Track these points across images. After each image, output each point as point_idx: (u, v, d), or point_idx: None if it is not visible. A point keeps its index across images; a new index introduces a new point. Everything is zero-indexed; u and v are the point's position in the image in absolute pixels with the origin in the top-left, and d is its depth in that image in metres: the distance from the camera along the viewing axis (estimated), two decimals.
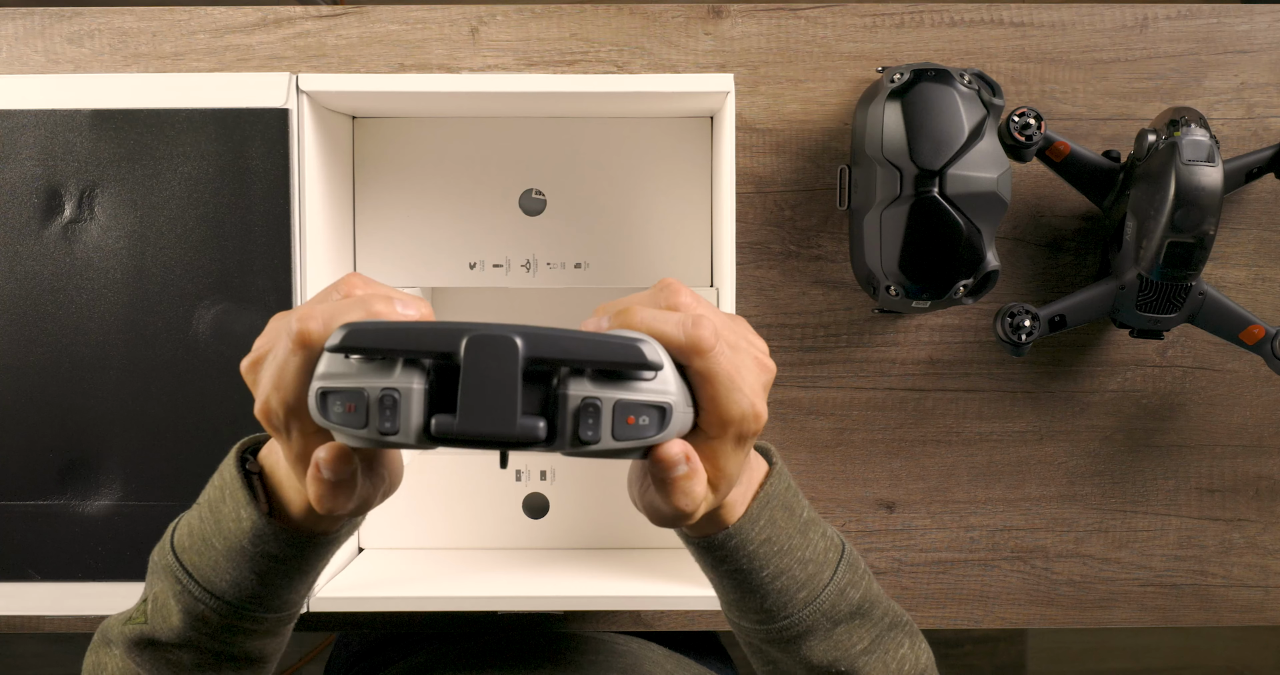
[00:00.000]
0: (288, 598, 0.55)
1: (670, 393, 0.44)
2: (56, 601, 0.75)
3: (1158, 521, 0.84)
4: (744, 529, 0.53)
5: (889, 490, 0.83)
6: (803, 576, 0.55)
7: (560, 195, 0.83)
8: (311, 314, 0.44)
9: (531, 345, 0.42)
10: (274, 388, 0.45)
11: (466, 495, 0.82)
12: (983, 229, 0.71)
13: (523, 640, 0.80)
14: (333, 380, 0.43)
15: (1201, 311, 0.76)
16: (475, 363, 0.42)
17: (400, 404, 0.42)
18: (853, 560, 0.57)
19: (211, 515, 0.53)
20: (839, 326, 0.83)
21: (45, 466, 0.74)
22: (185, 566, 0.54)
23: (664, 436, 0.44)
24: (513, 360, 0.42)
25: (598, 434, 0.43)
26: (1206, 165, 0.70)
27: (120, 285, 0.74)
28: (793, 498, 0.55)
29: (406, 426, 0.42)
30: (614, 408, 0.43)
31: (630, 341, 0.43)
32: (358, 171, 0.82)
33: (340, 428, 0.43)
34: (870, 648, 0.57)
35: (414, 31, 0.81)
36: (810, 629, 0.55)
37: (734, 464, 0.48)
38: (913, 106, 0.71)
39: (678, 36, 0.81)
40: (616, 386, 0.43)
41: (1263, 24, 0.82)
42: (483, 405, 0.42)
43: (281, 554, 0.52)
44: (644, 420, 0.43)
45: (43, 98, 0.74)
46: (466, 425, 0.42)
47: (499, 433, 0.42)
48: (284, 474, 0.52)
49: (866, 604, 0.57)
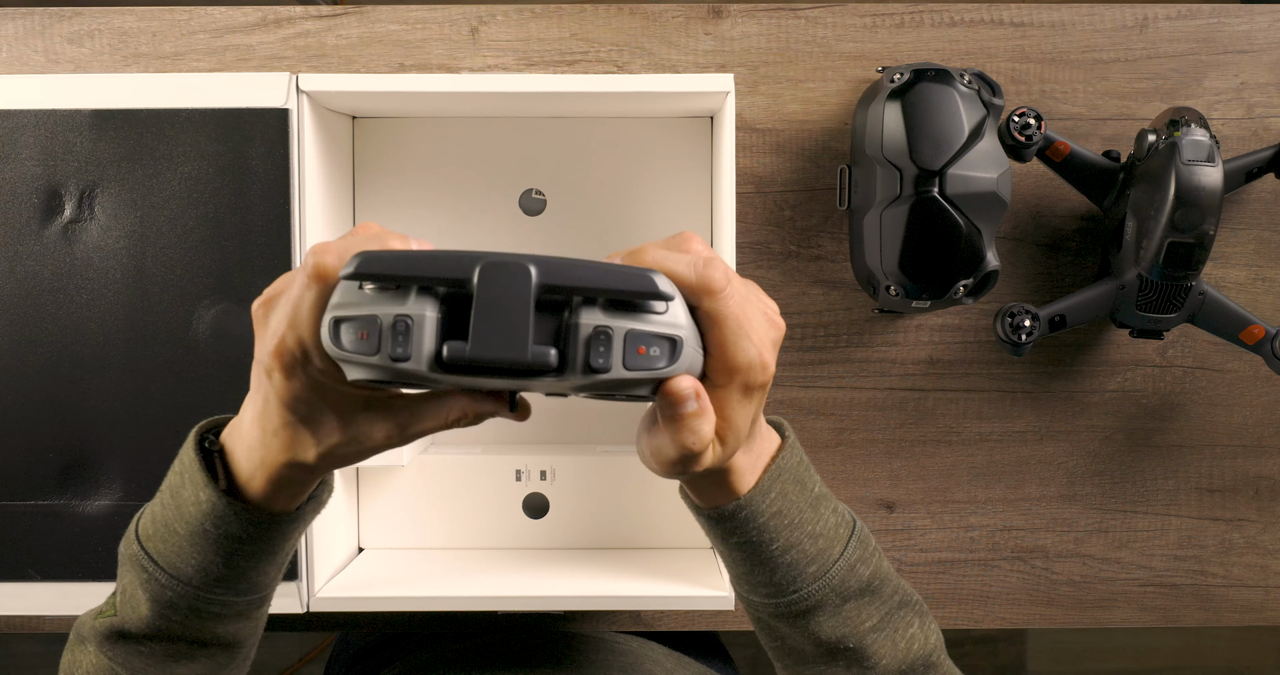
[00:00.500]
0: (255, 580, 0.55)
1: (681, 326, 0.44)
2: (56, 601, 0.75)
3: (1158, 521, 0.84)
4: (754, 500, 0.53)
5: (889, 490, 0.83)
6: (813, 551, 0.55)
7: (560, 195, 0.83)
8: (327, 248, 0.45)
9: (545, 272, 0.42)
10: (289, 325, 0.45)
11: (466, 495, 0.82)
12: (983, 229, 0.71)
13: (523, 640, 0.80)
14: (346, 309, 0.43)
15: (1201, 311, 0.76)
16: (489, 289, 0.42)
17: (413, 330, 0.42)
18: (863, 537, 0.57)
19: (173, 501, 0.53)
20: (839, 326, 0.83)
21: (45, 466, 0.74)
22: (150, 554, 0.53)
23: (674, 369, 0.44)
24: (526, 287, 0.42)
25: (608, 362, 0.43)
26: (1206, 165, 0.70)
27: (120, 285, 0.74)
28: (805, 472, 0.55)
29: (419, 352, 0.42)
30: (625, 337, 0.43)
31: (642, 271, 0.43)
32: (358, 171, 0.82)
33: (352, 355, 0.43)
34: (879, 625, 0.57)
35: (414, 31, 0.81)
36: (819, 604, 0.55)
37: (741, 415, 0.48)
38: (913, 106, 0.71)
39: (678, 36, 0.81)
40: (628, 317, 0.43)
41: (1263, 24, 0.82)
42: (495, 332, 0.42)
43: (244, 534, 0.52)
44: (655, 351, 0.43)
45: (43, 98, 0.74)
46: (478, 351, 0.42)
47: (511, 359, 0.42)
48: (241, 448, 0.51)
49: (876, 581, 0.57)
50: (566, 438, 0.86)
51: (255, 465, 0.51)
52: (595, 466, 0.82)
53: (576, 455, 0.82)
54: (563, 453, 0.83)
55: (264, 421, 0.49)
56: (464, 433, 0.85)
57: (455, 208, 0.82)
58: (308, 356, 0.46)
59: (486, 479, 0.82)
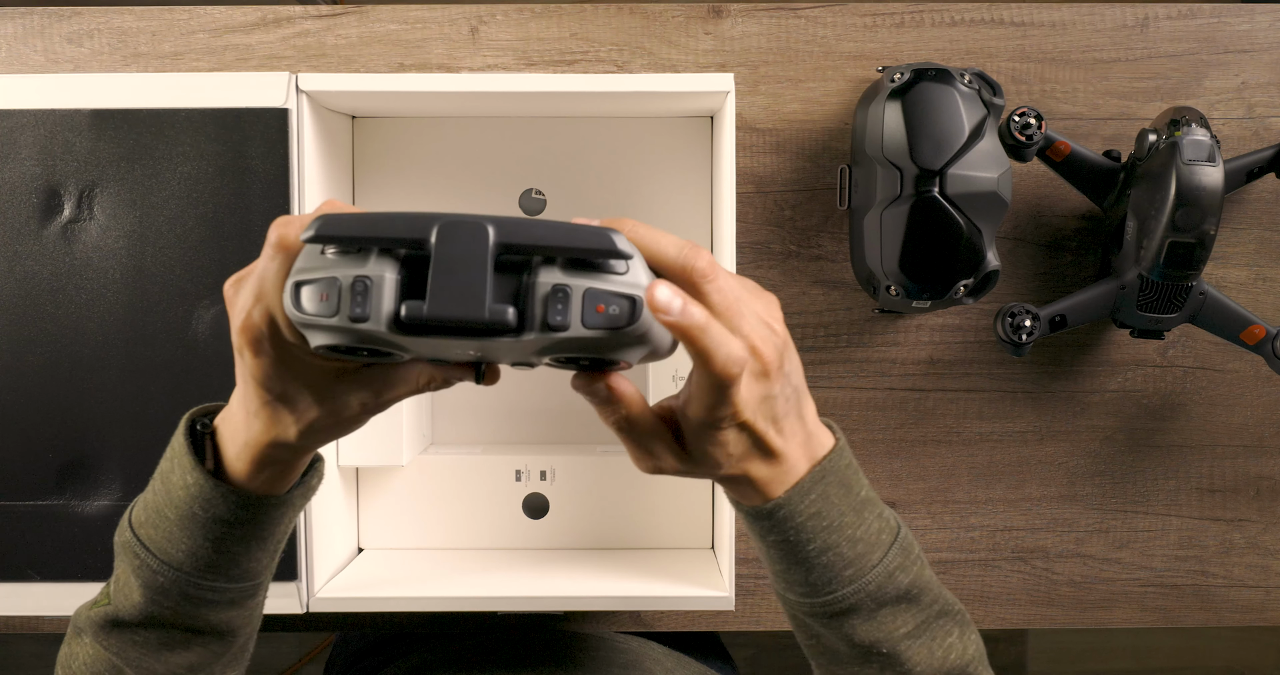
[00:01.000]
0: (247, 566, 0.55)
1: (641, 285, 0.44)
2: (56, 601, 0.75)
3: (1158, 522, 0.84)
4: (793, 500, 0.52)
5: (889, 490, 0.83)
6: (850, 555, 0.54)
7: (560, 195, 0.83)
8: (289, 221, 0.45)
9: (503, 232, 0.42)
10: (255, 298, 0.46)
11: (466, 495, 0.82)
12: (983, 229, 0.71)
13: (523, 640, 0.80)
14: (307, 273, 0.44)
15: (1202, 311, 0.76)
16: (446, 248, 0.42)
17: (371, 290, 0.42)
18: (906, 545, 0.56)
19: (163, 485, 0.54)
20: (839, 326, 0.82)
21: (45, 466, 0.74)
22: (141, 540, 0.54)
23: (634, 329, 0.43)
24: (483, 246, 0.42)
25: (566, 319, 0.42)
26: (1207, 165, 0.70)
27: (120, 285, 0.74)
28: (852, 475, 0.55)
29: (377, 313, 0.42)
30: (584, 295, 0.43)
31: (601, 230, 0.43)
32: (358, 171, 0.82)
33: (313, 318, 0.43)
34: (915, 632, 0.56)
35: (414, 31, 0.81)
36: (854, 607, 0.55)
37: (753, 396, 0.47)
38: (913, 106, 0.71)
39: (678, 36, 0.81)
40: (588, 276, 0.43)
41: (1263, 24, 0.82)
42: (453, 290, 0.42)
43: (232, 517, 0.53)
44: (614, 309, 0.43)
45: (42, 97, 0.74)
46: (436, 309, 0.42)
47: (468, 317, 0.42)
48: (227, 431, 0.52)
49: (916, 589, 0.56)
50: (566, 438, 0.85)
51: (240, 447, 0.51)
52: (595, 466, 0.82)
53: (576, 455, 0.82)
54: (563, 453, 0.83)
55: (245, 403, 0.50)
56: (464, 433, 0.85)
57: (455, 208, 0.82)
58: (275, 329, 0.46)
59: (486, 479, 0.82)
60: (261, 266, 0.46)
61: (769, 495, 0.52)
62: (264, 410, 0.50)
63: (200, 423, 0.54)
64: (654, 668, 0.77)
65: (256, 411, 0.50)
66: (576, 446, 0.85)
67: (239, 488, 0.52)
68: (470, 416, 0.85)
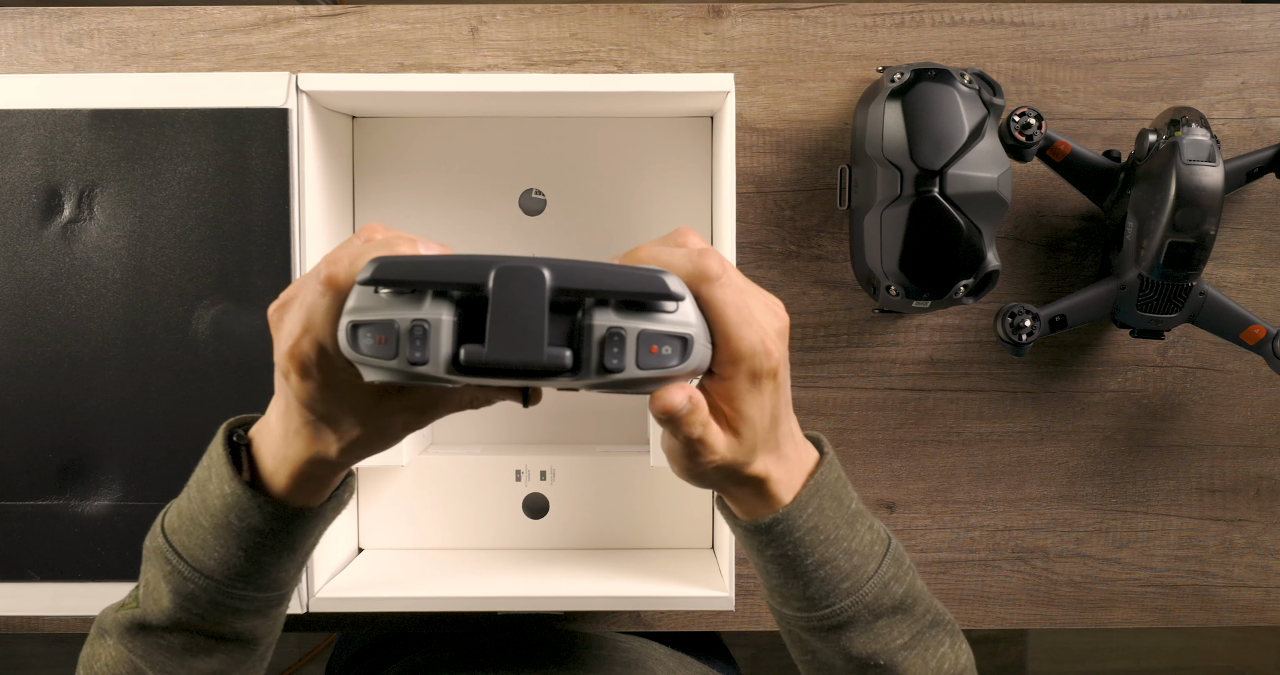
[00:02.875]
0: (276, 576, 0.55)
1: (691, 324, 0.45)
2: (56, 601, 0.75)
3: (1158, 522, 0.84)
4: (792, 515, 0.53)
5: (889, 490, 0.83)
6: (847, 567, 0.55)
7: (560, 195, 0.83)
8: (337, 257, 0.46)
9: (559, 276, 0.43)
10: (304, 328, 0.46)
11: (466, 495, 0.82)
12: (983, 229, 0.71)
13: (523, 639, 0.80)
14: (363, 313, 0.44)
15: (1202, 311, 0.76)
16: (503, 293, 0.43)
17: (430, 334, 0.43)
18: (898, 555, 0.57)
19: (199, 494, 0.54)
20: (839, 326, 0.82)
21: (45, 466, 0.74)
22: (174, 547, 0.54)
23: (685, 367, 0.45)
24: (540, 290, 0.43)
25: (622, 362, 0.44)
26: (1207, 165, 0.70)
27: (120, 285, 0.74)
28: (842, 488, 0.56)
29: (436, 356, 0.43)
30: (638, 337, 0.44)
31: (653, 272, 0.44)
32: (358, 171, 0.82)
33: (370, 359, 0.44)
34: (910, 643, 0.57)
35: (414, 31, 0.81)
36: (851, 620, 0.56)
37: (753, 406, 0.49)
38: (913, 106, 0.71)
39: (678, 36, 0.81)
40: (640, 317, 0.44)
41: (1263, 24, 0.82)
42: (511, 335, 0.43)
43: (266, 528, 0.53)
44: (667, 350, 0.45)
45: (42, 97, 0.74)
46: (495, 354, 0.43)
47: (527, 361, 0.43)
48: (267, 446, 0.52)
49: (909, 600, 0.57)
50: (566, 438, 0.85)
51: (279, 461, 0.52)
52: (595, 466, 0.82)
53: (576, 455, 0.82)
54: (563, 453, 0.83)
55: (286, 421, 0.51)
56: (464, 433, 0.85)
57: (455, 208, 0.82)
58: (323, 358, 0.47)
59: (486, 479, 0.82)
60: (310, 300, 0.46)
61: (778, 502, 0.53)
62: (306, 429, 0.50)
63: (236, 434, 0.54)
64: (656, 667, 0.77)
65: (298, 429, 0.50)
66: (576, 446, 0.85)
67: (276, 500, 0.53)
68: (470, 416, 0.85)
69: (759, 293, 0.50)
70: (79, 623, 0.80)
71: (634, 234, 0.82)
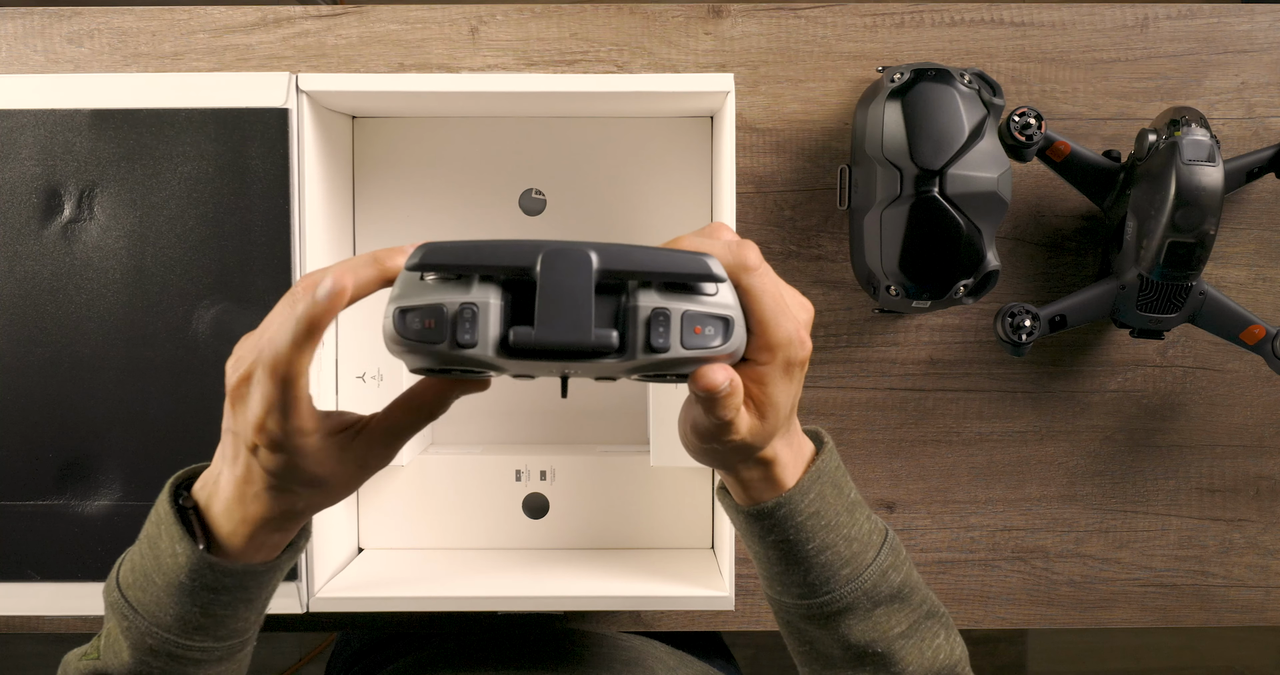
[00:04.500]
0: (235, 627, 0.55)
1: (731, 305, 0.46)
2: (55, 601, 0.75)
3: (1158, 521, 0.84)
4: (794, 499, 0.54)
5: (889, 490, 0.83)
6: (847, 554, 0.56)
7: (560, 195, 0.83)
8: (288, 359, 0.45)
9: (605, 258, 0.44)
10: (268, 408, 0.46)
11: (466, 495, 0.82)
12: (983, 229, 0.71)
13: (523, 638, 0.80)
14: (410, 299, 0.45)
15: (1202, 311, 0.76)
16: (551, 276, 0.44)
17: (479, 316, 0.44)
18: (895, 545, 0.58)
19: (151, 550, 0.53)
20: (839, 326, 0.82)
21: (45, 466, 0.74)
22: (130, 602, 0.54)
23: (727, 348, 0.46)
24: (587, 273, 0.44)
25: (668, 342, 0.45)
26: (1207, 165, 0.70)
27: (120, 285, 0.74)
28: (841, 477, 0.57)
29: (485, 338, 0.44)
30: (683, 318, 0.45)
31: (697, 256, 0.45)
32: (358, 171, 0.82)
33: (419, 344, 0.44)
34: (907, 632, 0.57)
35: (414, 31, 0.81)
36: (850, 607, 0.56)
37: (782, 393, 0.50)
38: (913, 106, 0.71)
39: (678, 36, 0.81)
40: (684, 298, 0.45)
41: (1263, 24, 0.82)
42: (559, 316, 0.44)
43: (220, 586, 0.52)
44: (710, 330, 0.46)
45: (42, 97, 0.74)
46: (544, 335, 0.44)
47: (575, 342, 0.44)
48: (220, 507, 0.51)
49: (906, 589, 0.58)
50: (566, 438, 0.85)
51: (236, 523, 0.51)
52: (595, 466, 0.82)
53: (576, 455, 0.82)
54: (563, 453, 0.83)
55: (246, 486, 0.50)
56: (464, 433, 0.85)
57: (455, 208, 0.82)
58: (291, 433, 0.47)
59: (486, 479, 0.82)
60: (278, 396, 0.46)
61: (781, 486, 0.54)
62: (268, 492, 0.50)
63: (182, 496, 0.53)
64: (656, 666, 0.77)
65: (258, 493, 0.50)
66: (576, 446, 0.85)
67: (230, 558, 0.52)
68: (470, 416, 0.85)
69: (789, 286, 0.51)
70: (79, 623, 0.80)
71: (634, 234, 0.82)
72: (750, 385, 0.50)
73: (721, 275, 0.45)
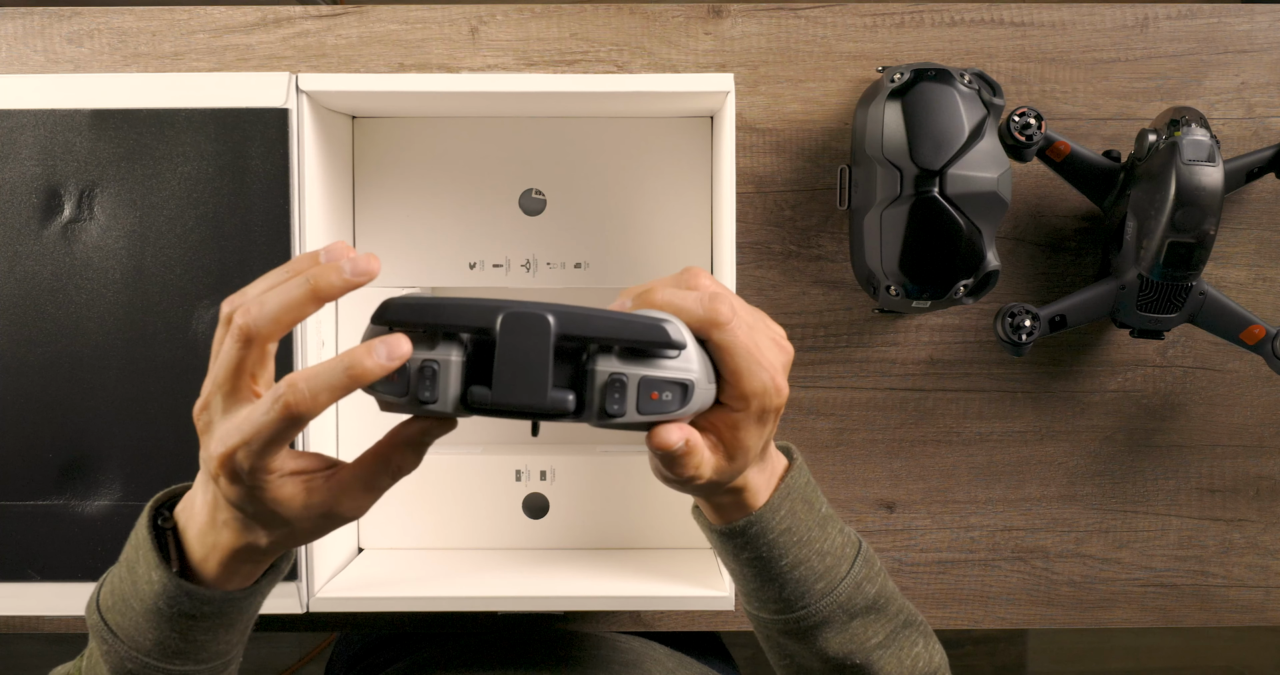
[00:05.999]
0: (216, 650, 0.54)
1: (693, 370, 0.47)
2: (56, 601, 0.75)
3: (1158, 522, 0.84)
4: (765, 517, 0.54)
5: (889, 490, 0.83)
6: (820, 568, 0.56)
7: (560, 195, 0.83)
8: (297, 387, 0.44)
9: (563, 323, 0.45)
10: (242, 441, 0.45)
11: (466, 495, 0.82)
12: (983, 229, 0.71)
13: (523, 639, 0.80)
14: None
15: (1202, 311, 0.76)
16: (510, 338, 0.45)
17: (439, 375, 0.45)
18: (869, 557, 0.58)
19: (129, 575, 0.53)
20: (839, 326, 0.82)
21: (45, 466, 0.74)
22: (110, 626, 0.53)
23: (684, 412, 0.47)
24: (545, 336, 0.45)
25: (623, 408, 0.46)
26: (1207, 165, 0.70)
27: (120, 285, 0.74)
28: (812, 493, 0.57)
29: (445, 396, 0.45)
30: (639, 384, 0.46)
31: (656, 321, 0.45)
32: (358, 171, 0.82)
33: (382, 396, 0.46)
34: (885, 642, 0.58)
35: (414, 31, 0.81)
36: (826, 620, 0.56)
37: (754, 437, 0.50)
38: (913, 106, 0.71)
39: (678, 36, 0.81)
40: (642, 363, 0.46)
41: (1263, 24, 0.82)
42: (516, 378, 0.45)
43: (198, 613, 0.52)
44: (667, 396, 0.46)
45: (42, 97, 0.74)
46: (501, 396, 0.45)
47: (531, 404, 0.45)
48: (195, 531, 0.51)
49: (882, 600, 0.58)
50: (566, 438, 0.85)
51: (208, 548, 0.51)
52: (595, 466, 0.82)
53: (576, 455, 0.82)
54: (563, 453, 0.83)
55: (214, 511, 0.50)
56: (464, 432, 0.85)
57: (455, 208, 0.82)
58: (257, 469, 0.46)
59: (486, 479, 0.82)
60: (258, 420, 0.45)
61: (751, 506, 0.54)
62: (234, 522, 0.49)
63: (161, 515, 0.53)
64: (654, 667, 0.77)
65: (226, 521, 0.49)
66: (576, 446, 0.85)
67: (206, 585, 0.51)
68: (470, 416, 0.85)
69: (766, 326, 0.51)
70: (79, 623, 0.80)
71: (634, 234, 0.82)
72: (723, 429, 0.49)
73: (681, 342, 0.46)
